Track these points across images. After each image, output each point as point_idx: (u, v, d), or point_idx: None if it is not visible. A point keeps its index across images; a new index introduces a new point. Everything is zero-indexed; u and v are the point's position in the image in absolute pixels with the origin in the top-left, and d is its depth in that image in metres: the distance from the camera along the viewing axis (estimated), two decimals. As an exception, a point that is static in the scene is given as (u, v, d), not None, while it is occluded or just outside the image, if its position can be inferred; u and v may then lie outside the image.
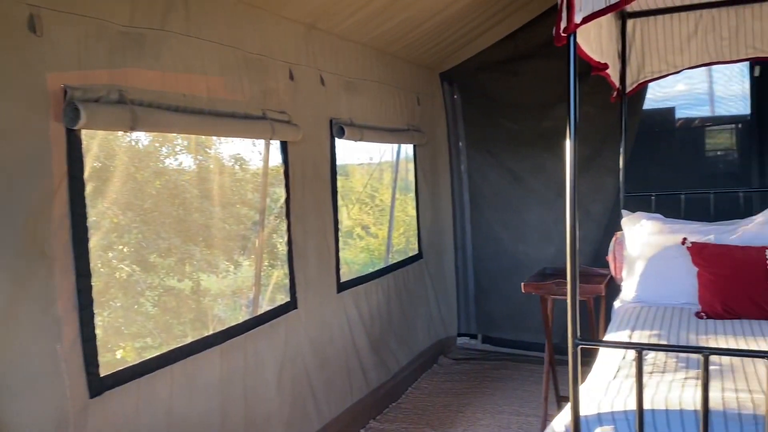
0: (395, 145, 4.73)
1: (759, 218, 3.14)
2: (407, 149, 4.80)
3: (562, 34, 1.85)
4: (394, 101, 4.27)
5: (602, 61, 2.70)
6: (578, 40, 2.18)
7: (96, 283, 2.18)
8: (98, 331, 2.12)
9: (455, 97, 5.02)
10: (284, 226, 3.22)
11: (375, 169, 6.02)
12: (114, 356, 3.05)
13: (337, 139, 3.60)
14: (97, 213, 2.97)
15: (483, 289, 5.10)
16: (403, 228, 5.59)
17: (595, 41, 2.64)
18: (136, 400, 2.22)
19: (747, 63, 4.13)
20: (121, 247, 3.19)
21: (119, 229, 3.15)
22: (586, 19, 1.83)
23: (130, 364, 2.25)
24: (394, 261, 4.58)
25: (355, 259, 6.08)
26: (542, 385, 3.61)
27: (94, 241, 2.82)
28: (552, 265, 4.08)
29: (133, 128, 2.15)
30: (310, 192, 3.37)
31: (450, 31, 4.28)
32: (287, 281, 3.22)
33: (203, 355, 2.56)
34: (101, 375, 2.09)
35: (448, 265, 5.14)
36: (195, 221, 3.68)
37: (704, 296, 2.95)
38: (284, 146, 3.17)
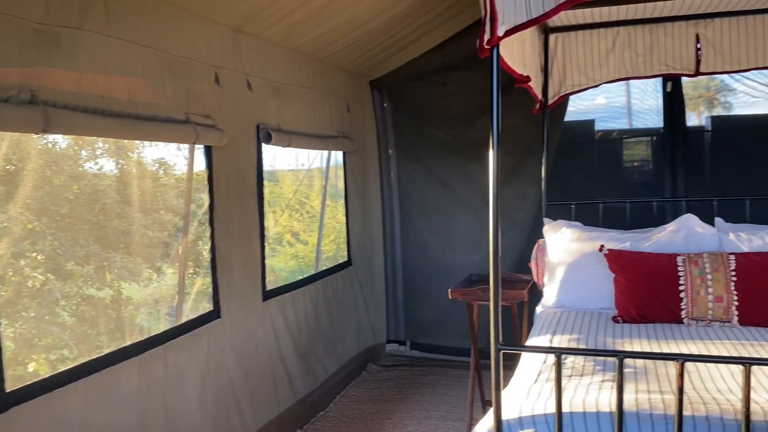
0: (325, 152, 4.72)
1: (670, 227, 3.31)
2: (337, 156, 4.80)
3: (486, 46, 1.89)
4: (323, 108, 4.25)
5: (525, 74, 2.78)
6: (502, 52, 2.24)
7: (5, 292, 2.06)
8: (7, 343, 2.01)
9: (385, 105, 5.05)
10: (208, 233, 3.14)
11: (306, 175, 5.97)
12: (26, 369, 2.89)
13: (264, 145, 3.55)
14: (7, 218, 2.81)
15: (412, 296, 5.15)
16: (333, 235, 5.57)
17: (519, 54, 2.71)
18: (46, 415, 2.11)
19: (660, 79, 4.36)
20: (34, 254, 3.04)
21: (33, 235, 3.00)
22: (509, 32, 1.88)
23: (41, 378, 2.13)
24: (324, 268, 4.56)
25: (285, 267, 6.01)
26: (468, 390, 3.66)
27: (2, 248, 2.67)
28: (478, 272, 4.16)
29: (45, 130, 2.05)
30: (236, 198, 3.30)
31: (380, 39, 4.31)
32: (210, 290, 3.14)
33: (120, 366, 2.46)
34: (7, 390, 1.97)
35: (378, 271, 5.16)
36: (116, 227, 3.55)
37: (620, 301, 3.08)
38: (209, 151, 3.10)
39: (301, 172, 5.93)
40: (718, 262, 2.95)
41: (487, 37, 1.87)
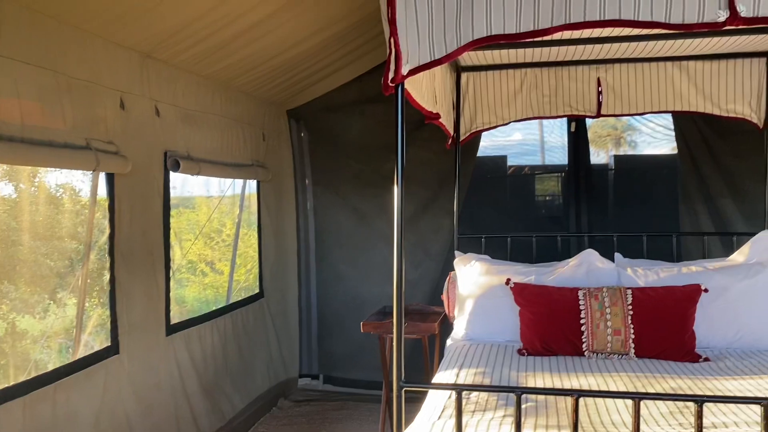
0: (240, 180, 4.63)
1: (573, 261, 3.43)
2: (253, 184, 4.72)
3: (390, 84, 1.91)
4: (237, 136, 4.18)
5: (435, 111, 2.83)
6: (411, 90, 2.28)
7: None
8: None
9: (302, 134, 5.03)
10: (108, 264, 2.99)
11: (223, 202, 5.83)
12: None
13: (172, 173, 3.44)
14: None
15: (326, 329, 5.08)
16: (251, 264, 5.44)
17: (429, 91, 2.77)
18: None
19: (565, 118, 4.56)
20: None
21: None
22: (412, 72, 1.91)
23: None
24: (238, 299, 4.44)
25: (199, 297, 5.80)
26: (379, 425, 3.63)
27: None
28: (392, 304, 4.16)
29: None
30: (139, 227, 3.17)
31: (297, 69, 4.31)
32: (109, 324, 2.98)
33: (2, 408, 2.28)
34: None
35: (291, 303, 5.07)
36: (11, 256, 3.33)
37: (525, 334, 3.15)
38: (111, 178, 2.97)
39: (218, 198, 5.79)
40: (616, 297, 3.08)
41: (391, 75, 1.89)
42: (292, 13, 3.44)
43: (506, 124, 4.07)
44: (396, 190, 2.00)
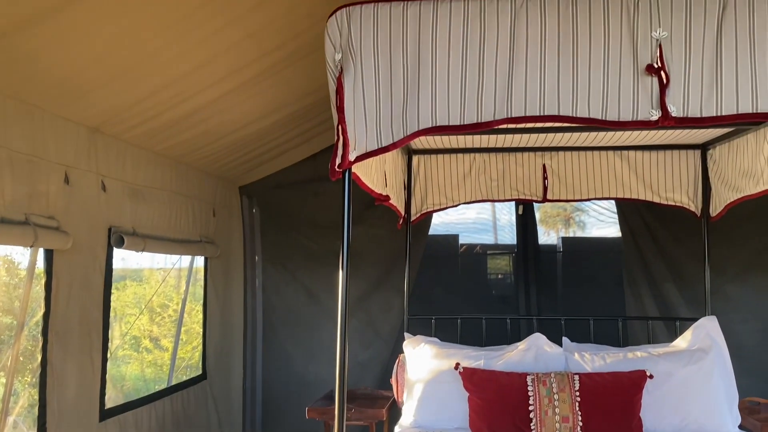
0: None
1: (521, 345, 3.42)
2: (200, 260, 4.62)
3: (337, 170, 1.92)
4: (186, 212, 4.12)
5: (384, 194, 2.86)
6: (360, 173, 2.31)
7: None
8: None
9: (254, 211, 5.00)
10: (40, 344, 2.84)
11: (171, 275, 5.66)
12: None
13: (116, 249, 3.35)
14: None
15: (270, 414, 4.88)
16: (196, 341, 5.25)
17: (379, 174, 2.80)
18: None
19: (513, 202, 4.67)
20: None
21: None
22: (360, 158, 1.94)
23: None
24: (181, 380, 4.25)
25: (141, 375, 5.54)
26: None
27: None
28: (339, 387, 4.05)
29: None
30: (77, 305, 3.04)
31: (251, 147, 4.33)
32: (37, 410, 2.80)
33: None
34: None
35: (236, 386, 4.87)
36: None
37: (474, 421, 3.09)
38: (50, 255, 2.87)
39: (167, 270, 5.63)
40: (564, 382, 3.06)
41: (338, 161, 1.91)
42: (247, 94, 3.49)
43: (456, 205, 4.14)
44: (341, 274, 1.98)
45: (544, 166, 4.01)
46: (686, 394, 3.15)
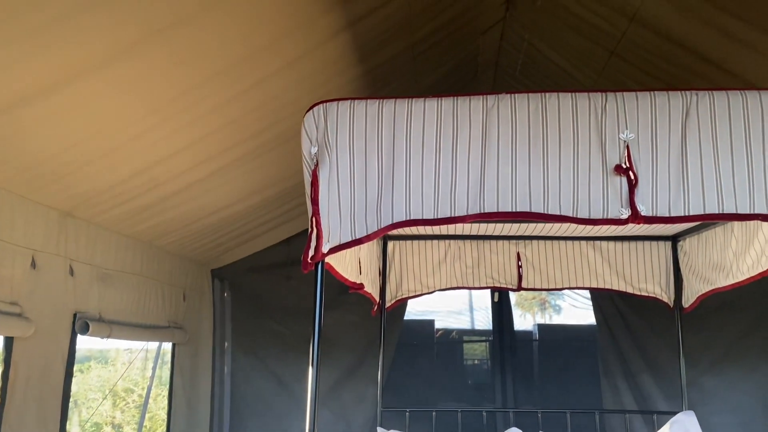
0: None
1: (497, 440, 3.32)
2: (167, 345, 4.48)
3: (310, 261, 1.90)
4: (155, 296, 4.03)
5: (358, 282, 2.84)
6: (333, 262, 2.29)
7: None
8: None
9: (225, 295, 4.91)
10: (-10, 440, 2.68)
11: (138, 357, 5.46)
12: None
13: (80, 336, 3.23)
14: None
15: None
16: (161, 429, 5.02)
17: (352, 263, 2.79)
18: None
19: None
20: None
21: None
22: (333, 250, 1.92)
23: None
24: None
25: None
26: None
27: None
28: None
29: None
30: (35, 396, 2.89)
31: (224, 231, 4.30)
32: None
33: None
34: None
35: (200, 481, 4.63)
36: None
37: None
38: (9, 343, 2.75)
39: (134, 352, 5.43)
40: (541, 481, 2.96)
41: (311, 253, 1.90)
42: (224, 179, 3.50)
43: (431, 292, 4.12)
44: (311, 371, 1.92)
45: (518, 254, 4.03)
46: (667, 494, 3.06)
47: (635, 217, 1.87)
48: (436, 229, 3.81)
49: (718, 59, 2.80)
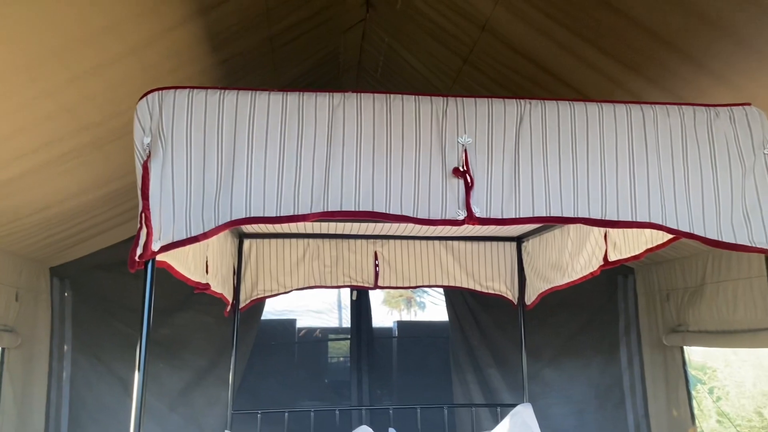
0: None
1: (348, 438, 3.33)
2: None
3: (137, 260, 1.78)
4: (-20, 296, 3.64)
5: (204, 282, 2.72)
6: (173, 261, 2.17)
7: None
8: None
9: (66, 294, 4.54)
10: None
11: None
12: None
13: None
14: None
15: None
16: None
17: (198, 261, 2.66)
18: None
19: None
20: None
21: None
22: (165, 248, 1.81)
23: None
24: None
25: None
26: None
27: None
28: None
29: None
30: None
31: (65, 225, 3.96)
32: None
33: None
34: None
35: (30, 496, 4.24)
36: None
37: None
38: None
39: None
40: (388, 477, 3.00)
41: (140, 251, 1.78)
42: (62, 168, 3.22)
43: (288, 292, 4.05)
44: (137, 376, 1.79)
45: (375, 253, 4.08)
46: (505, 483, 3.22)
47: (470, 218, 1.93)
48: (293, 228, 3.75)
49: (557, 71, 2.98)
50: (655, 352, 4.58)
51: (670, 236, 2.44)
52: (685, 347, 4.31)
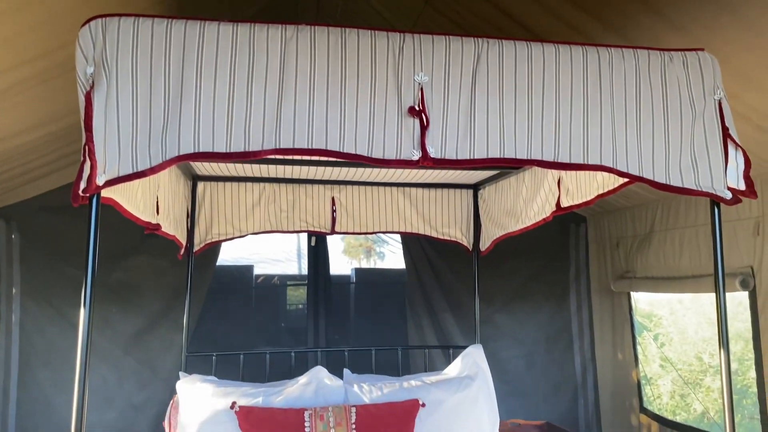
0: None
1: (302, 379, 3.36)
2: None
3: (81, 194, 1.73)
4: None
5: (154, 222, 2.66)
6: (120, 199, 2.11)
7: None
8: None
9: (13, 237, 4.40)
10: None
11: None
12: None
13: None
14: None
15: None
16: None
17: (148, 200, 2.61)
18: None
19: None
20: None
21: None
22: (110, 183, 1.76)
23: None
24: None
25: None
26: None
27: None
28: (109, 433, 3.67)
29: None
30: None
31: (11, 164, 3.81)
32: None
33: None
34: None
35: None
36: None
37: (249, 462, 2.95)
38: None
39: None
40: (341, 416, 3.05)
41: (83, 185, 1.72)
42: (5, 105, 3.07)
43: (243, 236, 4.01)
44: (82, 313, 1.76)
45: (333, 198, 4.05)
46: (455, 421, 3.31)
47: (425, 158, 1.92)
48: (248, 171, 3.69)
49: (516, 15, 2.95)
50: (603, 298, 4.73)
51: (621, 181, 2.48)
52: (632, 293, 4.46)
